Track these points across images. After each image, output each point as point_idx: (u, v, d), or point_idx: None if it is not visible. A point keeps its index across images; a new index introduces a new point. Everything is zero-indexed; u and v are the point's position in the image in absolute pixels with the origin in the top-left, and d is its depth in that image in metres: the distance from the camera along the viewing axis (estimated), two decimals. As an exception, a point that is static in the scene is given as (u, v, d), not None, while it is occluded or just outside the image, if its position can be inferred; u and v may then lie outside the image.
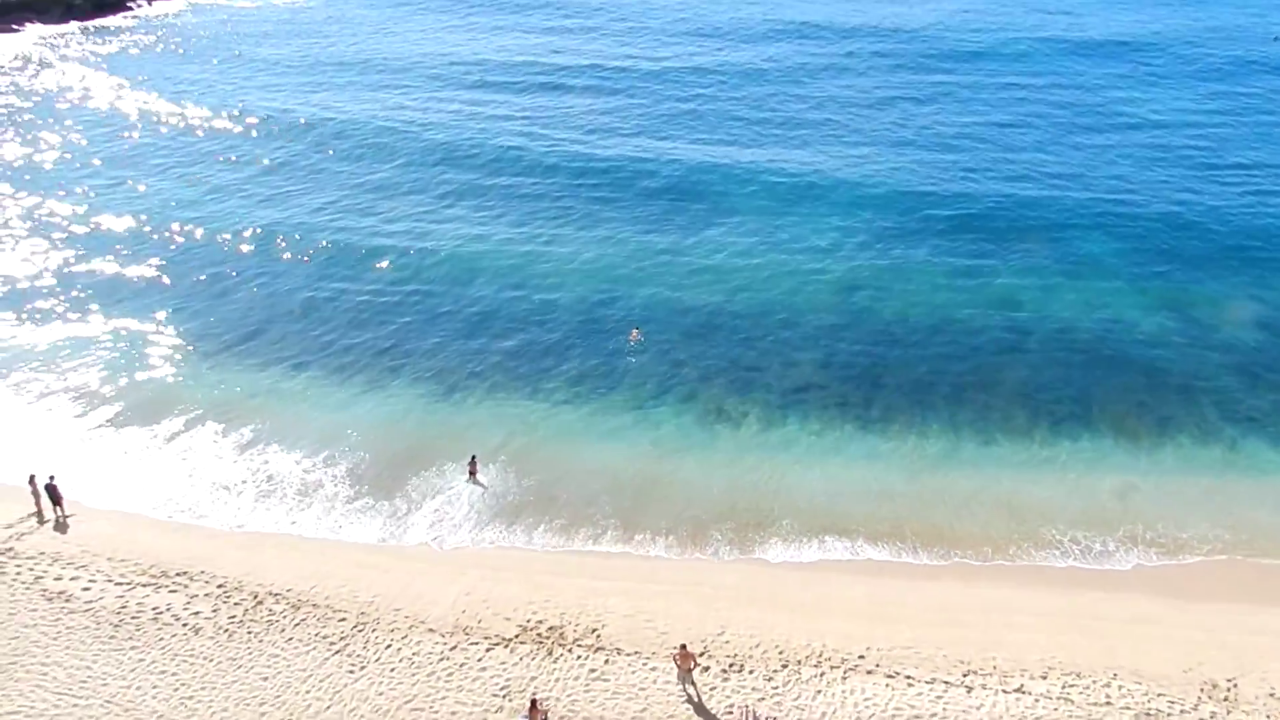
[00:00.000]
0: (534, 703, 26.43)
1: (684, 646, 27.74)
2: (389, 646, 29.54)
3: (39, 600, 31.25)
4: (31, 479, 35.90)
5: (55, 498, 35.46)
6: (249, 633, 30.11)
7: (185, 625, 30.35)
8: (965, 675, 28.23)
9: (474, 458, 38.15)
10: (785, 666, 28.62)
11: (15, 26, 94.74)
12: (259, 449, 39.90)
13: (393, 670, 28.60)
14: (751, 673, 28.39)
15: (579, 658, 29.06)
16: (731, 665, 28.69)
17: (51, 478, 35.69)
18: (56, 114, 75.23)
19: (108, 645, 29.40)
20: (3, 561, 33.12)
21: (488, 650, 29.40)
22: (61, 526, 35.34)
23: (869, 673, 28.35)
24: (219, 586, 32.24)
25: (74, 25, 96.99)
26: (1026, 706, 27.01)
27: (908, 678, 28.13)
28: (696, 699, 27.44)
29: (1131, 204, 57.26)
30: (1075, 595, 31.91)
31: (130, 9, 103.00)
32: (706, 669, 28.45)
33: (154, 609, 31.00)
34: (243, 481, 38.19)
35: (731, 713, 26.96)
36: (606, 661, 28.91)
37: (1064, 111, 71.91)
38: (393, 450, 39.67)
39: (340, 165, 66.51)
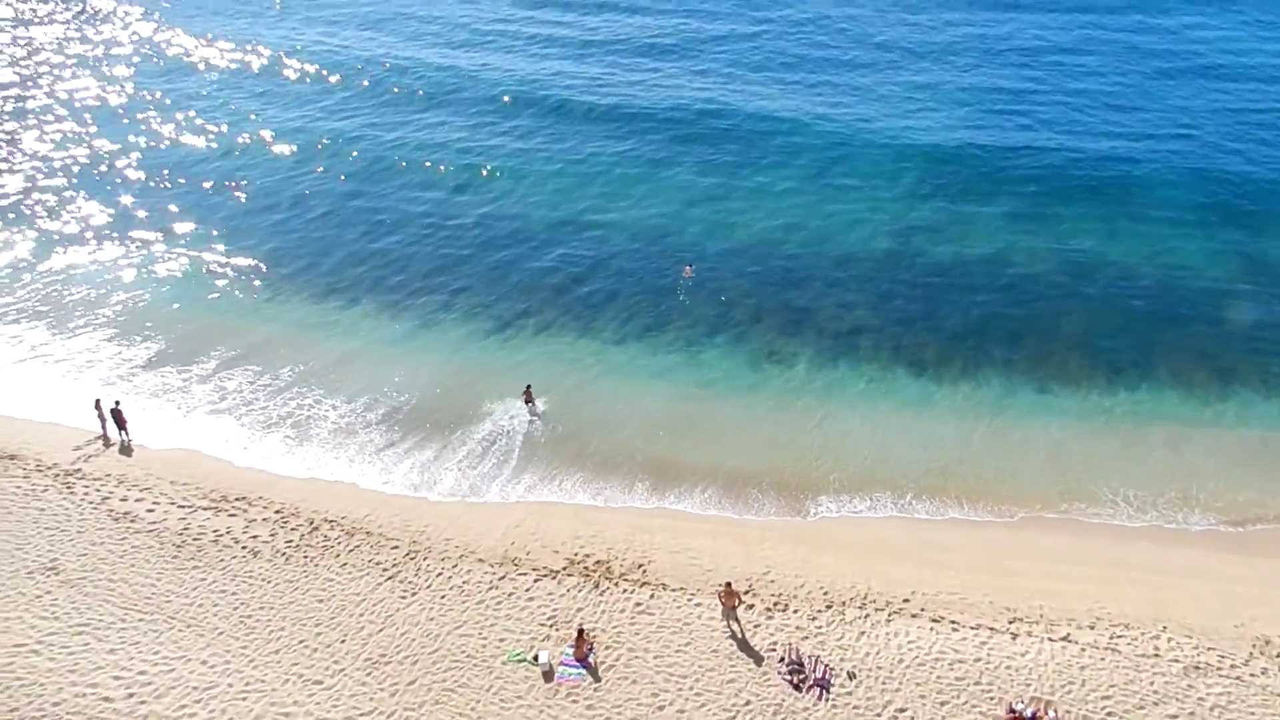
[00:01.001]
0: (581, 632, 26.99)
1: (729, 584, 27.99)
2: (440, 574, 30.24)
3: (106, 520, 32.42)
4: (97, 403, 37.00)
5: (120, 422, 36.54)
6: (305, 557, 31.01)
7: (244, 548, 31.34)
8: (1011, 622, 28.16)
9: (529, 386, 38.57)
10: (829, 607, 28.78)
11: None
12: (310, 384, 40.53)
13: (443, 597, 29.31)
14: (795, 612, 28.59)
15: (625, 591, 29.50)
16: (776, 604, 28.92)
17: (117, 402, 36.76)
18: (114, 56, 75.84)
19: (171, 564, 30.49)
20: (71, 482, 34.35)
21: (535, 581, 29.96)
22: (126, 450, 36.47)
23: (913, 616, 28.42)
24: (276, 512, 33.17)
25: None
26: (1072, 655, 26.91)
27: (952, 623, 28.14)
28: (740, 636, 27.75)
29: (1207, 157, 54.90)
30: (1127, 548, 31.53)
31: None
32: (751, 607, 28.71)
33: (215, 532, 32.02)
34: (295, 415, 38.95)
35: (774, 650, 27.25)
36: (652, 596, 29.31)
37: (1142, 54, 68.85)
38: (445, 386, 40.18)
39: (409, 103, 66.53)
